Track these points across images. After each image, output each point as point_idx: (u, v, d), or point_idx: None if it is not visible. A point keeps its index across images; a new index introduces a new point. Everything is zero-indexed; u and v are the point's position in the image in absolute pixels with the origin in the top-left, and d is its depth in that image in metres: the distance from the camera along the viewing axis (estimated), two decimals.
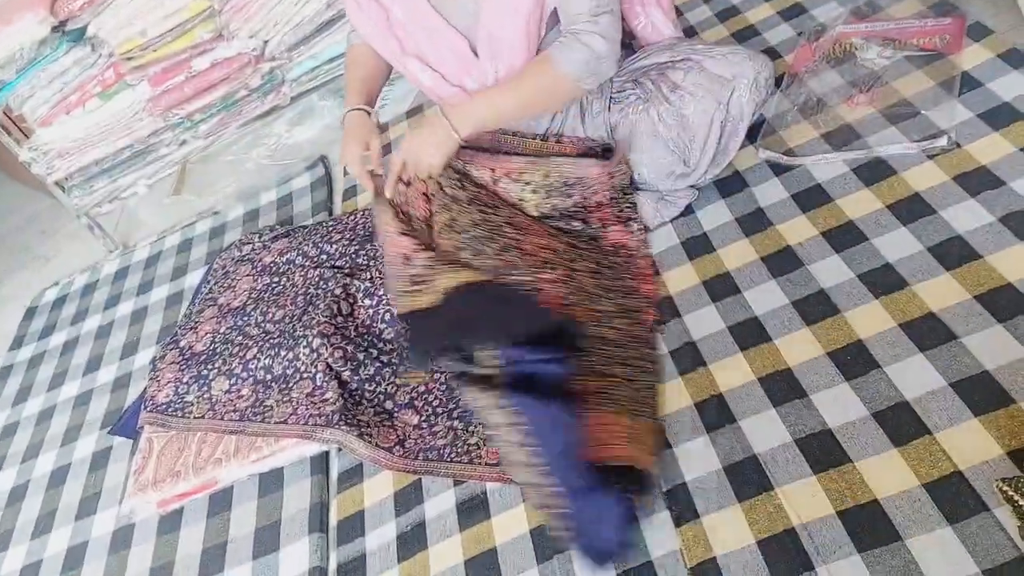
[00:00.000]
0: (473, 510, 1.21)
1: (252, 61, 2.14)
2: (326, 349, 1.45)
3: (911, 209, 1.27)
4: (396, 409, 1.40)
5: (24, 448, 1.82)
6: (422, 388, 1.40)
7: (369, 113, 1.56)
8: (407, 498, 1.28)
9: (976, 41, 1.47)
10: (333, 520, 1.33)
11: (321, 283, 1.60)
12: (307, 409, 1.40)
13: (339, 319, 1.50)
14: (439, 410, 1.36)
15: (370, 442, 1.34)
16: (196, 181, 2.55)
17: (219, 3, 2.06)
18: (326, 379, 1.43)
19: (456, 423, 1.32)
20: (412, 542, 1.22)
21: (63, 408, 1.89)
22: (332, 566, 1.26)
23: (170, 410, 1.55)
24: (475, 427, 1.29)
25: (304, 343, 1.48)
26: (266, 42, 2.13)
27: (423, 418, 1.36)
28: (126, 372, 1.88)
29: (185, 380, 1.58)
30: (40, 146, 2.22)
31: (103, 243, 2.43)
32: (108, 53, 2.11)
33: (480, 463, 1.24)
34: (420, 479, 1.29)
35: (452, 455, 1.28)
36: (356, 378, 1.43)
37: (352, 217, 1.81)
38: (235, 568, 1.33)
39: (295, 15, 2.09)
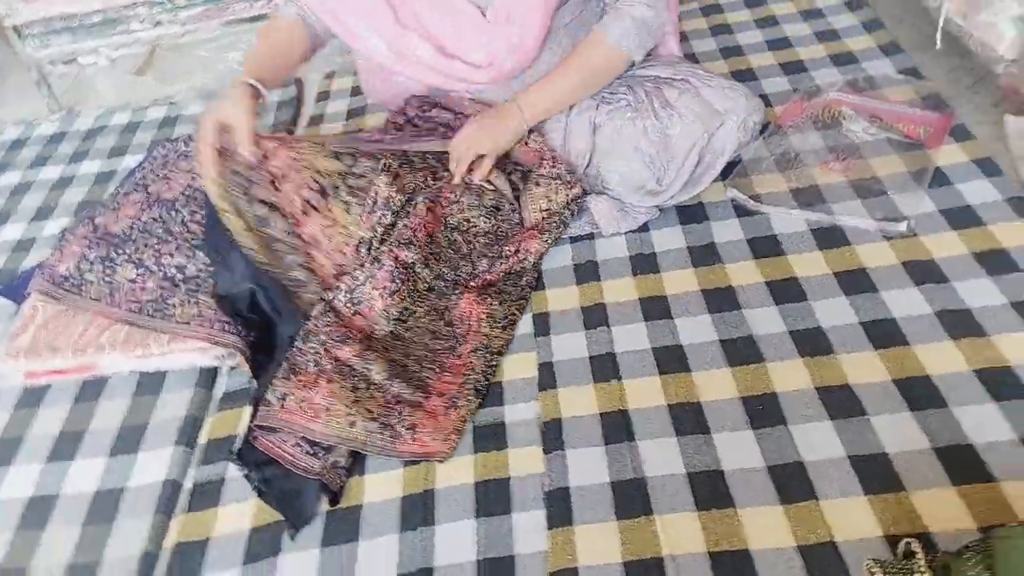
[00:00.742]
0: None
1: None
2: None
3: (855, 282, 1.27)
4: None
5: None
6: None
7: (259, 93, 1.40)
8: None
9: (957, 142, 1.49)
10: (204, 438, 1.26)
11: None
12: (216, 315, 1.34)
13: None
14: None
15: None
16: (163, 67, 2.43)
17: None
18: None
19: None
20: None
21: None
22: (188, 483, 1.20)
23: (66, 284, 1.46)
24: None
25: None
26: None
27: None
28: (32, 236, 1.78)
29: (90, 258, 1.49)
30: None
31: (47, 103, 2.30)
32: None
33: None
34: None
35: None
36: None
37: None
38: (87, 459, 1.25)
39: None
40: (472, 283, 1.40)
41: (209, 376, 1.35)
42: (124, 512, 1.17)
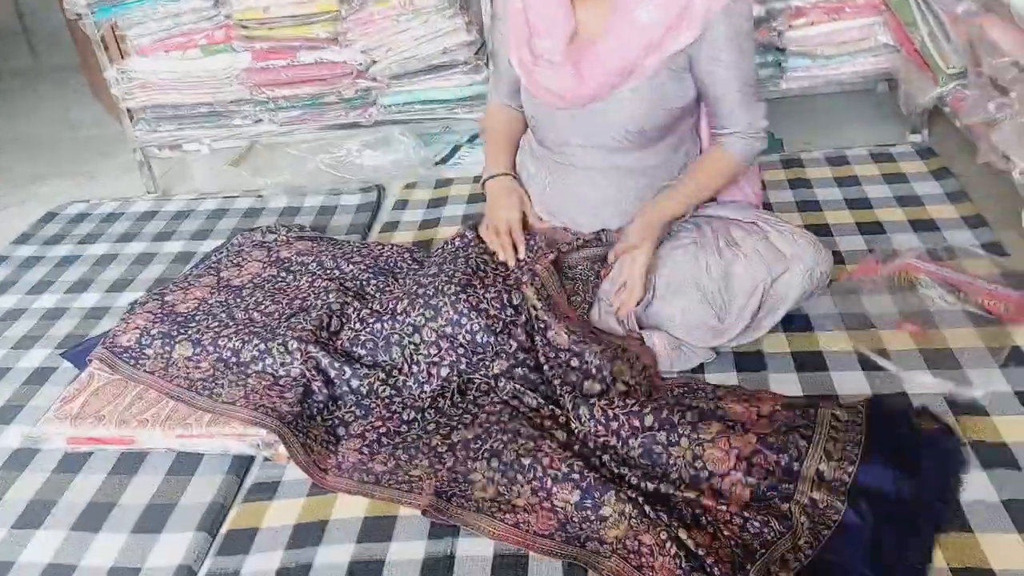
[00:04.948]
0: (364, 573, 1.12)
1: (353, 73, 2.18)
2: (300, 355, 1.42)
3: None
4: (345, 437, 1.35)
5: None
6: (380, 426, 1.35)
7: (515, 178, 1.60)
8: (305, 534, 1.20)
9: None
10: (226, 527, 1.24)
11: (323, 295, 1.57)
12: (260, 398, 1.36)
13: (323, 333, 1.47)
14: (384, 440, 1.32)
15: (309, 454, 1.29)
16: (257, 162, 2.57)
17: (347, 10, 2.11)
18: (290, 381, 1.40)
19: (400, 454, 1.29)
20: None
21: (32, 314, 1.85)
22: (203, 571, 1.17)
23: (125, 355, 1.50)
24: (419, 460, 1.27)
25: (280, 341, 1.44)
26: (374, 62, 2.17)
27: (365, 443, 1.32)
28: (106, 305, 1.85)
29: (152, 332, 1.53)
30: (129, 71, 2.26)
31: (145, 183, 2.44)
32: (227, 14, 2.17)
33: (419, 492, 1.21)
34: (329, 520, 1.21)
35: (390, 481, 1.24)
36: (322, 393, 1.39)
37: (380, 247, 1.77)
38: (109, 533, 1.24)
39: (411, 49, 2.14)
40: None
41: (242, 464, 1.34)
42: None
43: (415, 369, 1.40)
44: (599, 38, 1.38)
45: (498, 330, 1.38)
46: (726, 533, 1.08)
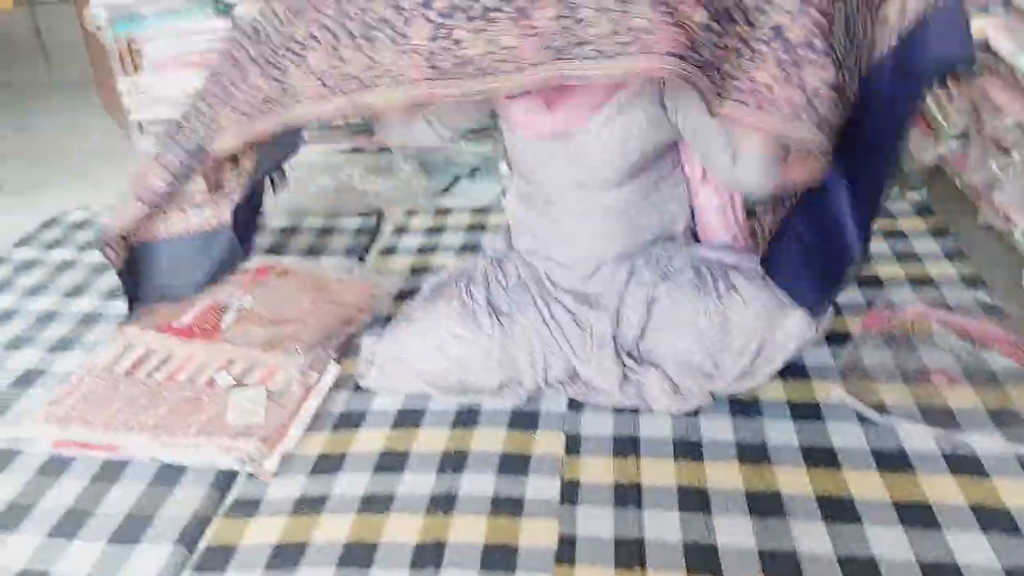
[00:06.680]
0: None
1: None
2: None
3: (918, 516, 1.18)
4: None
5: None
6: None
7: None
8: (285, 555, 1.18)
9: None
10: (204, 542, 1.22)
11: None
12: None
13: None
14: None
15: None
16: None
17: None
18: None
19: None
20: None
21: (26, 316, 1.83)
22: None
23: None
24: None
25: None
26: None
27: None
28: (98, 312, 1.84)
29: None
30: (141, 83, 2.27)
31: None
32: None
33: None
34: (310, 543, 1.19)
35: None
36: None
37: None
38: (84, 541, 1.22)
39: None
40: None
41: (226, 479, 1.32)
42: None
43: None
44: None
45: None
46: None
